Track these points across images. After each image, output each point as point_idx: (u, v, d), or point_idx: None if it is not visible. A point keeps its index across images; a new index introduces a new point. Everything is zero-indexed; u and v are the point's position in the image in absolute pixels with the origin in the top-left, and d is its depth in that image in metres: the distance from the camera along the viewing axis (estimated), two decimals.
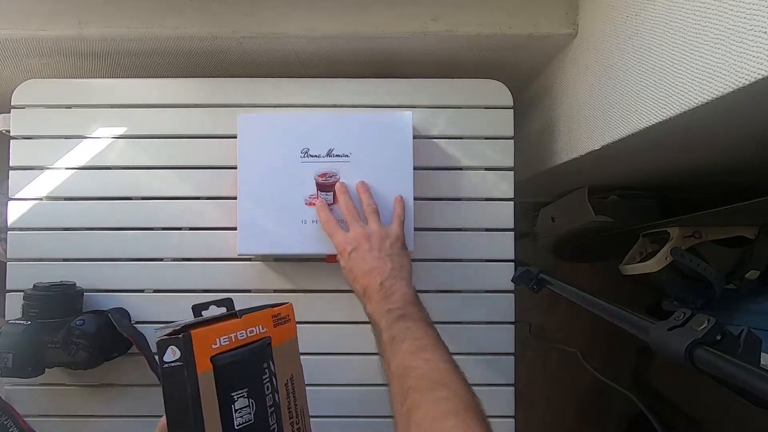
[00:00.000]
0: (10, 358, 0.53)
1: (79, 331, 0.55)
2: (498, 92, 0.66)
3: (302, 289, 0.65)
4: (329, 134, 0.61)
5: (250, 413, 0.42)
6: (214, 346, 0.40)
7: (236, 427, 0.40)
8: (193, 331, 0.39)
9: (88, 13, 0.63)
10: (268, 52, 0.68)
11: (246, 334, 0.43)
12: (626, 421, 1.21)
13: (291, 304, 0.49)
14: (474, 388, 0.58)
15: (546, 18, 0.63)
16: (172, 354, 0.38)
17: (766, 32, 0.33)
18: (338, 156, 0.60)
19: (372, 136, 0.61)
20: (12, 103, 0.65)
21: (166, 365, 0.38)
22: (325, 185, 0.60)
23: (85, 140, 0.65)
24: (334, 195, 0.60)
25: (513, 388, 0.65)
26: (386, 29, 0.63)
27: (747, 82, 0.34)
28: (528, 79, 0.80)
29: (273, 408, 0.44)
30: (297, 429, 0.46)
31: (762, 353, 0.33)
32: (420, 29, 0.63)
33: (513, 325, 0.66)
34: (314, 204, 0.60)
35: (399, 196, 0.60)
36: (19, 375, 0.55)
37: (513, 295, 0.66)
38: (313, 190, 0.60)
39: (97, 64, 0.71)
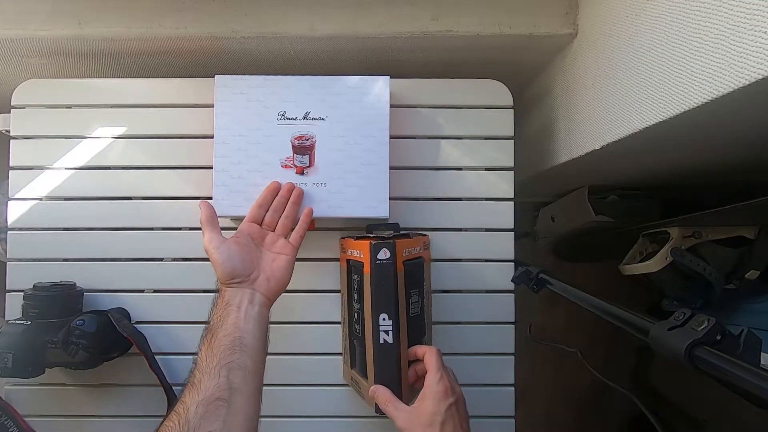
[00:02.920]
0: (10, 358, 0.53)
1: (79, 331, 0.55)
2: (498, 92, 0.66)
3: (302, 289, 0.65)
4: (306, 97, 0.61)
5: (417, 307, 0.57)
6: (404, 254, 0.54)
7: (410, 315, 0.55)
8: (396, 240, 0.53)
9: (88, 13, 0.63)
10: (268, 52, 0.68)
11: (413, 250, 0.57)
12: (626, 421, 1.21)
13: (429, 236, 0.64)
14: (474, 388, 0.59)
15: (546, 18, 0.63)
16: (384, 254, 0.52)
17: (766, 32, 0.33)
18: (315, 119, 0.61)
19: (349, 100, 0.61)
20: (12, 103, 0.65)
21: (379, 261, 0.52)
22: (302, 148, 0.60)
23: (85, 140, 0.65)
24: (311, 158, 0.60)
25: (513, 388, 0.65)
26: (386, 29, 0.63)
27: (747, 82, 0.34)
28: (528, 79, 0.80)
29: (426, 307, 0.59)
30: (430, 328, 0.62)
31: (762, 353, 0.33)
32: (420, 29, 0.63)
33: (513, 325, 0.66)
34: (290, 167, 0.60)
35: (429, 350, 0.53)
36: (19, 375, 0.55)
37: (513, 295, 0.66)
38: (290, 152, 0.60)
39: (97, 64, 0.71)
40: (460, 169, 0.66)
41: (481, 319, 0.66)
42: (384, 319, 0.52)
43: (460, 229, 0.66)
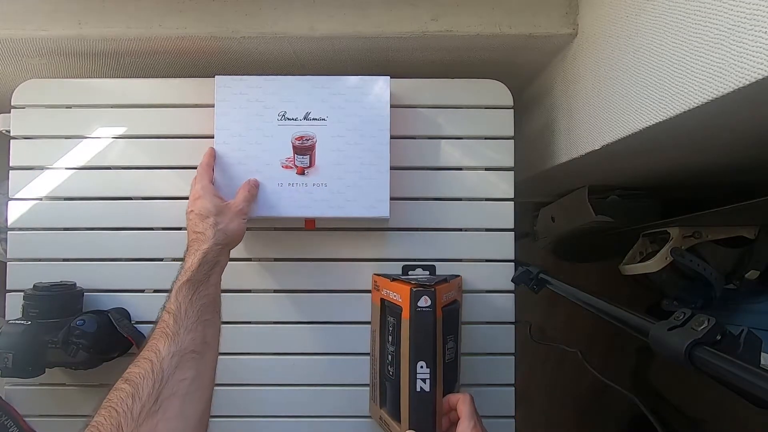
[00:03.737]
0: (10, 358, 0.53)
1: (79, 331, 0.55)
2: (498, 92, 0.66)
3: (301, 289, 0.65)
4: (306, 98, 0.61)
5: (453, 353, 0.56)
6: (443, 300, 0.54)
7: (446, 361, 0.55)
8: (437, 287, 0.52)
9: (88, 13, 0.63)
10: (268, 52, 0.68)
11: (450, 295, 0.56)
12: (626, 421, 1.21)
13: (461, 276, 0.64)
14: (474, 388, 0.59)
15: (546, 18, 0.63)
16: (424, 302, 0.52)
17: (766, 32, 0.33)
18: (315, 119, 0.61)
19: (349, 100, 0.61)
20: (12, 103, 0.65)
21: (420, 309, 0.52)
22: (302, 148, 0.61)
23: (85, 140, 0.65)
24: (311, 158, 0.60)
25: (513, 388, 0.65)
26: (386, 29, 0.63)
27: (747, 82, 0.34)
28: (528, 79, 0.80)
29: (459, 351, 0.59)
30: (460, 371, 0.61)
31: (762, 353, 0.33)
32: (420, 29, 0.63)
33: (513, 325, 0.66)
34: (290, 167, 0.60)
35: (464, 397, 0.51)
36: (19, 375, 0.55)
37: (513, 295, 0.66)
38: (290, 153, 0.60)
39: (97, 64, 0.71)
40: (460, 169, 0.66)
41: (481, 319, 0.66)
42: (422, 366, 0.52)
43: (460, 229, 0.66)
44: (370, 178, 0.60)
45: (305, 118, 0.61)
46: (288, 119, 0.61)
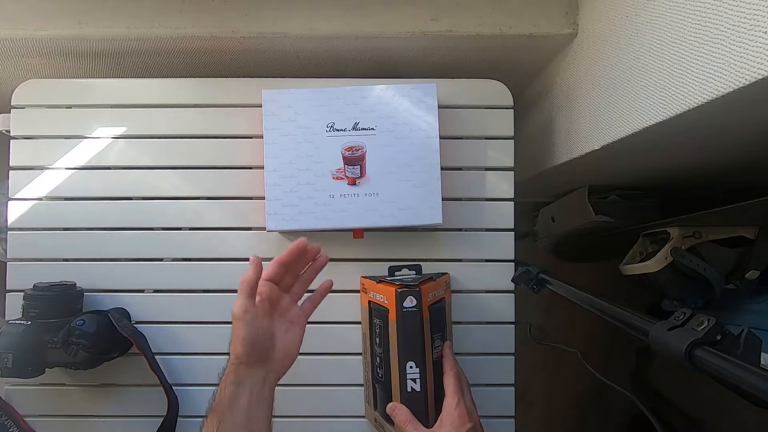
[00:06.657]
0: (10, 358, 0.53)
1: (79, 331, 0.55)
2: (498, 92, 0.66)
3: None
4: (353, 108, 0.61)
5: (440, 351, 0.56)
6: (429, 299, 0.53)
7: (434, 359, 0.54)
8: (422, 287, 0.52)
9: (88, 13, 0.63)
10: (268, 52, 0.68)
11: (437, 293, 0.56)
12: (626, 421, 1.21)
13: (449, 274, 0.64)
14: (474, 388, 0.59)
15: (546, 18, 0.63)
16: (410, 302, 0.51)
17: (766, 32, 0.33)
18: (364, 129, 0.61)
19: (396, 108, 0.61)
20: (12, 103, 0.65)
21: (405, 309, 0.51)
22: (352, 159, 0.60)
23: (85, 140, 0.65)
24: (362, 168, 0.60)
25: (513, 388, 0.65)
26: (386, 29, 0.63)
27: (747, 82, 0.34)
28: (528, 79, 0.80)
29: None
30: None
31: (762, 353, 0.33)
32: (420, 29, 0.63)
33: (513, 325, 0.66)
34: (341, 178, 0.60)
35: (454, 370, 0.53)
36: (19, 375, 0.55)
37: (513, 295, 0.66)
38: (340, 163, 0.60)
39: (97, 64, 0.71)
40: (460, 169, 0.66)
41: (481, 319, 0.66)
42: (411, 367, 0.52)
43: (460, 229, 0.66)
44: (422, 186, 0.60)
45: (354, 128, 0.61)
46: (336, 130, 0.61)
